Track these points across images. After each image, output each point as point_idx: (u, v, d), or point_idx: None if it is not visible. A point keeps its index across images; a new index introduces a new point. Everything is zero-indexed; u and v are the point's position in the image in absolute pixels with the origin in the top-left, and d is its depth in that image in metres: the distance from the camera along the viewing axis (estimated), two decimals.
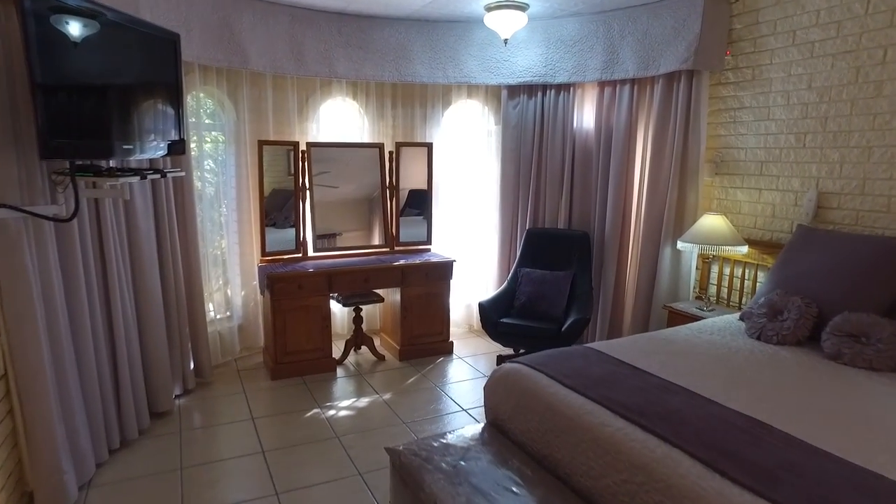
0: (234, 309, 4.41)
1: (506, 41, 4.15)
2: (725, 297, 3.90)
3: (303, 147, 4.37)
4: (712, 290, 4.02)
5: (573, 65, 4.44)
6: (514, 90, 4.78)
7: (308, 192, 4.38)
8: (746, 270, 3.78)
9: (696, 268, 4.07)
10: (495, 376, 2.61)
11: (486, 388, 2.65)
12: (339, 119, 4.73)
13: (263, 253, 4.22)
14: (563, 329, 3.96)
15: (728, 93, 3.86)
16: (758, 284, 3.72)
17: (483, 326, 4.20)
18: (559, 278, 4.32)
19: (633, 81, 4.20)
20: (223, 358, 4.33)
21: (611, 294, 4.47)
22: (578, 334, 3.96)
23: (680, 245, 3.82)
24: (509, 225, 4.96)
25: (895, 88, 3.05)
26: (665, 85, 4.00)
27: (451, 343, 4.73)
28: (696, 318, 3.67)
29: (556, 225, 4.76)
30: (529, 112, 4.74)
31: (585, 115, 4.61)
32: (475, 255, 5.17)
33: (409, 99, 4.82)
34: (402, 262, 4.41)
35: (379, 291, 4.49)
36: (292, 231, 4.35)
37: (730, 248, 3.53)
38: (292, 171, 4.31)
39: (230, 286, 4.39)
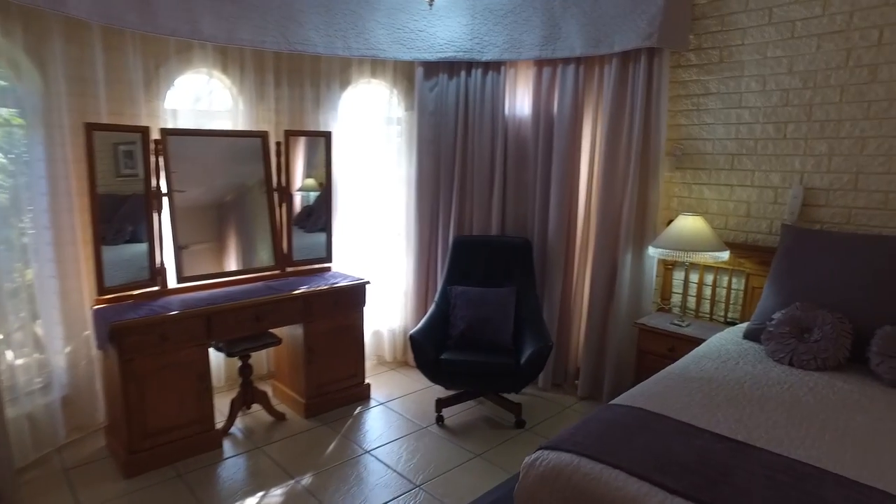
0: (54, 375, 2.96)
1: (431, 3, 3.26)
2: (693, 307, 3.45)
3: (155, 134, 3.07)
4: (676, 299, 3.56)
5: (505, 39, 3.69)
6: (432, 68, 3.92)
7: (167, 199, 3.10)
8: (719, 276, 3.36)
9: (657, 275, 3.58)
10: (534, 476, 1.76)
11: (518, 496, 1.78)
12: (204, 99, 3.47)
13: (101, 289, 2.86)
14: (521, 362, 3.21)
15: (689, 77, 3.39)
16: (733, 292, 3.31)
17: (419, 365, 3.29)
18: (502, 297, 3.56)
19: (578, 61, 3.58)
20: (37, 452, 2.87)
21: (557, 311, 3.83)
22: (541, 368, 3.23)
23: (651, 251, 3.27)
24: (427, 233, 4.09)
25: (893, 73, 2.75)
26: (620, 66, 3.43)
27: (368, 385, 3.74)
28: (673, 336, 3.16)
29: (489, 231, 4.00)
30: (451, 95, 3.91)
31: (519, 100, 3.90)
32: (382, 270, 4.21)
33: (298, 76, 3.71)
34: (303, 289, 3.32)
35: (276, 330, 3.35)
36: (133, 248, 3.01)
37: (711, 254, 3.05)
38: (129, 169, 2.97)
39: (45, 340, 2.94)
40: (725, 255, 3.07)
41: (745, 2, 3.13)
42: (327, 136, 3.68)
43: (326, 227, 3.75)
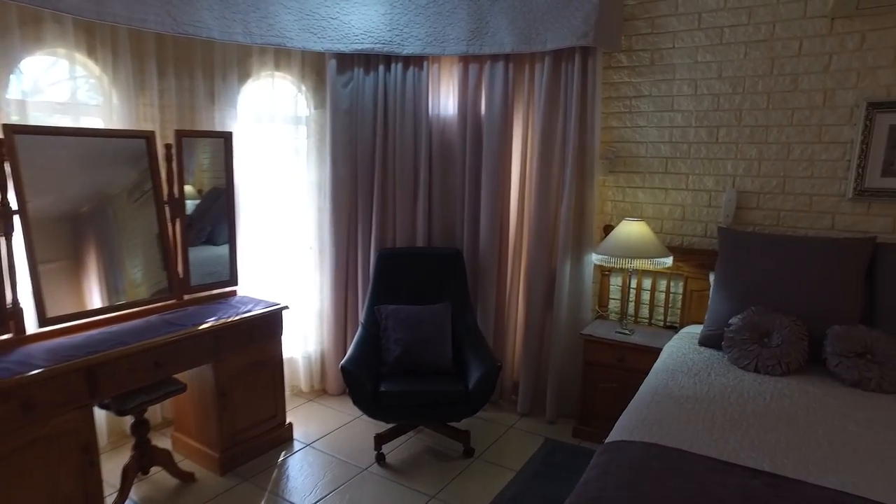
0: None
1: None
2: (632, 312, 3.41)
3: None
4: (613, 305, 3.50)
5: (428, 32, 3.38)
6: (346, 61, 3.48)
7: (19, 218, 2.36)
8: (657, 280, 3.35)
9: (594, 281, 3.49)
10: None
11: None
12: (62, 88, 2.74)
13: None
14: (470, 388, 2.93)
15: (621, 78, 3.33)
16: (671, 296, 3.31)
17: (356, 401, 2.88)
18: (437, 314, 3.25)
19: (507, 58, 3.37)
20: None
21: (491, 324, 3.60)
22: (492, 391, 2.97)
23: (596, 258, 3.17)
24: (344, 245, 3.65)
25: (811, 83, 2.88)
26: (552, 65, 3.28)
27: (290, 425, 3.23)
28: (621, 346, 3.07)
29: (414, 242, 3.66)
30: (367, 92, 3.51)
31: (444, 99, 3.61)
32: (293, 289, 3.69)
33: (188, 65, 3.08)
34: (211, 321, 2.74)
35: (179, 375, 2.73)
36: None
37: (657, 260, 3.01)
38: None
39: None
40: (669, 261, 3.05)
41: (675, 5, 3.12)
42: (227, 137, 3.10)
43: (230, 243, 3.17)
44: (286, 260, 3.67)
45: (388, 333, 3.20)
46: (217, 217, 3.14)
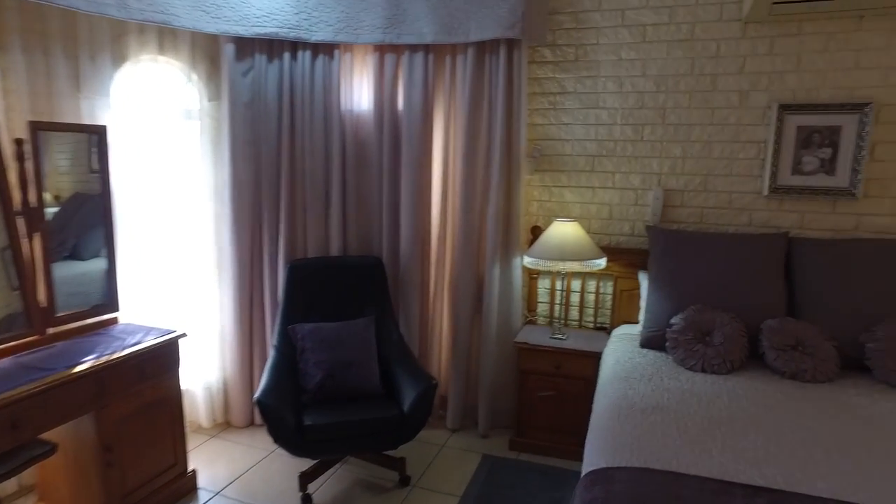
0: None
1: None
2: (561, 315, 3.31)
3: None
4: (542, 309, 3.39)
5: (340, 17, 3.03)
6: (246, 46, 3.03)
7: None
8: (587, 282, 3.27)
9: (523, 285, 3.35)
10: None
11: None
12: None
13: None
14: (406, 411, 2.64)
15: (545, 74, 3.22)
16: (601, 297, 3.26)
17: (277, 439, 2.47)
18: (361, 331, 2.93)
19: (427, 49, 3.11)
20: None
21: (416, 336, 3.34)
22: (429, 413, 2.70)
23: (528, 262, 3.02)
24: (248, 257, 3.19)
25: (728, 84, 2.94)
26: (476, 57, 3.08)
27: (194, 473, 2.74)
28: (557, 352, 2.96)
29: (328, 252, 3.29)
30: (271, 83, 3.08)
31: (358, 92, 3.27)
32: (187, 309, 3.16)
33: (41, 40, 2.47)
34: (90, 361, 2.21)
35: (47, 434, 2.17)
36: None
37: (592, 261, 2.92)
38: None
39: None
40: (603, 262, 2.97)
41: (599, 1, 3.06)
42: (101, 131, 2.54)
43: (109, 259, 2.61)
44: (177, 277, 3.13)
45: (306, 356, 2.82)
46: (83, 227, 2.55)
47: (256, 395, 2.52)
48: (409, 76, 3.13)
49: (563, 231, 2.96)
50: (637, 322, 3.12)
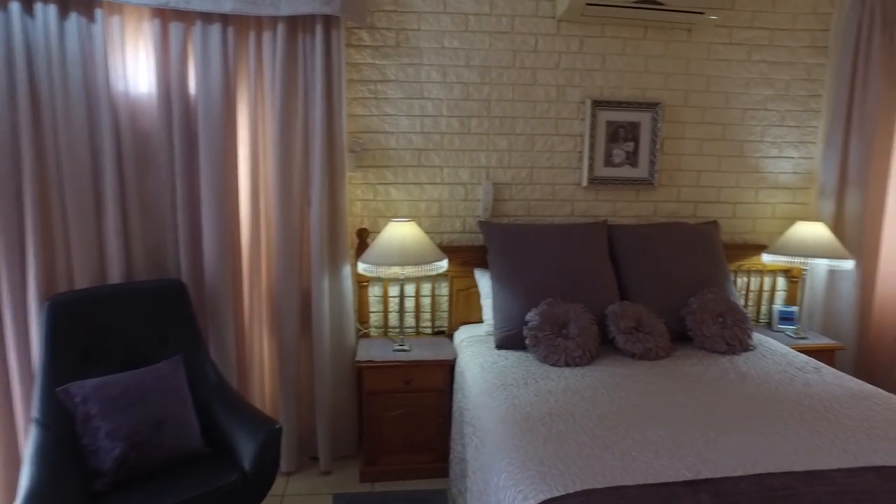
0: None
1: None
2: (396, 324, 3.04)
3: None
4: (375, 319, 3.07)
5: None
6: None
7: None
8: (421, 285, 3.06)
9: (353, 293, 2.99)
10: None
11: None
12: None
13: None
14: (248, 469, 2.12)
15: (364, 59, 2.88)
16: (437, 299, 3.08)
17: None
18: (166, 377, 2.27)
19: (225, 20, 2.52)
20: None
21: (234, 371, 2.74)
22: (277, 464, 2.22)
23: (361, 269, 2.69)
24: None
25: (546, 79, 3.01)
26: (287, 35, 2.60)
27: None
28: (405, 366, 2.71)
29: (105, 279, 2.48)
30: None
31: (133, 70, 2.50)
32: None
33: None
34: None
35: None
36: None
37: (434, 264, 2.72)
38: None
39: None
40: (445, 264, 2.79)
41: None
42: None
43: None
44: None
45: (92, 426, 2.07)
46: None
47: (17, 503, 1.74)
48: (203, 53, 2.51)
49: (402, 233, 2.70)
50: (476, 322, 3.03)
